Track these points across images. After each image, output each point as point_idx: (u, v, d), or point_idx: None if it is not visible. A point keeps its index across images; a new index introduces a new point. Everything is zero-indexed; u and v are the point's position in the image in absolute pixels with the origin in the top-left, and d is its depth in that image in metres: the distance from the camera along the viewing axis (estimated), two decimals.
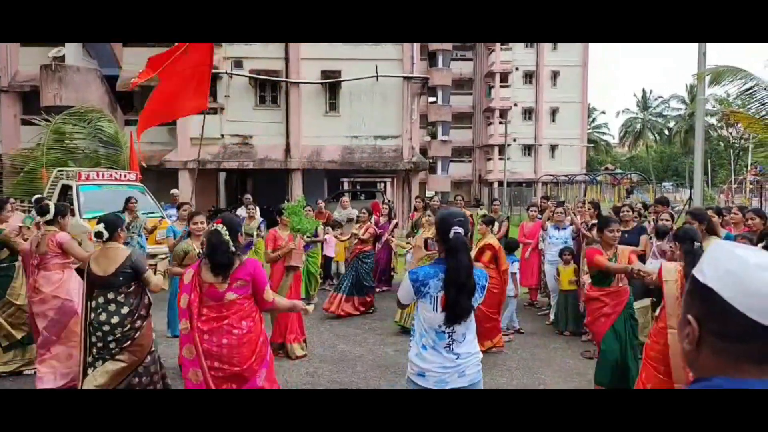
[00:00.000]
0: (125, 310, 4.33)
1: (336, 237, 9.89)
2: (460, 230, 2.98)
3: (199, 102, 8.54)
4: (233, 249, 3.69)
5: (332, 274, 10.75)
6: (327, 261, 10.59)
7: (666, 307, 4.14)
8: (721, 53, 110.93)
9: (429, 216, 7.95)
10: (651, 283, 4.74)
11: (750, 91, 10.90)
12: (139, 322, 4.38)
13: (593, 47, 50.51)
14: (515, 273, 7.73)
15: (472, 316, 3.10)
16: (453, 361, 3.00)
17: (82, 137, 13.96)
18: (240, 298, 3.67)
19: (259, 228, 10.08)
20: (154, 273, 4.69)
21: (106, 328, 4.28)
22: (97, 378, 4.27)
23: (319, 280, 9.87)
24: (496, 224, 7.88)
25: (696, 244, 4.04)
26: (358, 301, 8.50)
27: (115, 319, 4.29)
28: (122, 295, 4.33)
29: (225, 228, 3.73)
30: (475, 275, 3.05)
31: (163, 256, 10.13)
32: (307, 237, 7.11)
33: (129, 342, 4.33)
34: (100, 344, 4.31)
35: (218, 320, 3.64)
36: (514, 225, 12.01)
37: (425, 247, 6.70)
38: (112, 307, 4.31)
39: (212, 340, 3.62)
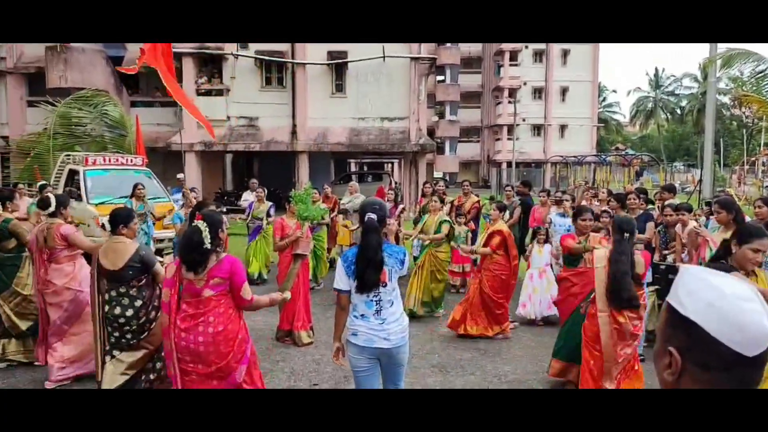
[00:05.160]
0: (138, 303, 4.38)
1: (345, 226, 9.84)
2: (374, 216, 3.54)
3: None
4: (208, 247, 3.62)
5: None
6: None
7: (596, 292, 4.45)
8: None
9: (435, 201, 7.93)
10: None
11: (762, 73, 10.72)
12: (153, 313, 4.43)
13: None
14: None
15: (395, 285, 3.61)
16: (379, 325, 3.55)
17: (88, 121, 13.95)
18: (216, 295, 3.64)
19: (268, 212, 10.00)
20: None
21: (121, 320, 4.35)
22: (116, 366, 4.35)
23: (327, 264, 9.85)
24: (507, 212, 7.82)
25: (626, 235, 4.32)
26: None
27: (129, 312, 4.35)
28: (134, 289, 4.38)
29: (206, 225, 3.67)
30: (394, 251, 3.60)
31: (170, 241, 10.19)
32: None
33: (146, 333, 4.41)
34: (116, 334, 4.38)
35: (195, 317, 3.61)
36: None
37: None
38: (126, 301, 4.36)
39: (189, 338, 3.61)
